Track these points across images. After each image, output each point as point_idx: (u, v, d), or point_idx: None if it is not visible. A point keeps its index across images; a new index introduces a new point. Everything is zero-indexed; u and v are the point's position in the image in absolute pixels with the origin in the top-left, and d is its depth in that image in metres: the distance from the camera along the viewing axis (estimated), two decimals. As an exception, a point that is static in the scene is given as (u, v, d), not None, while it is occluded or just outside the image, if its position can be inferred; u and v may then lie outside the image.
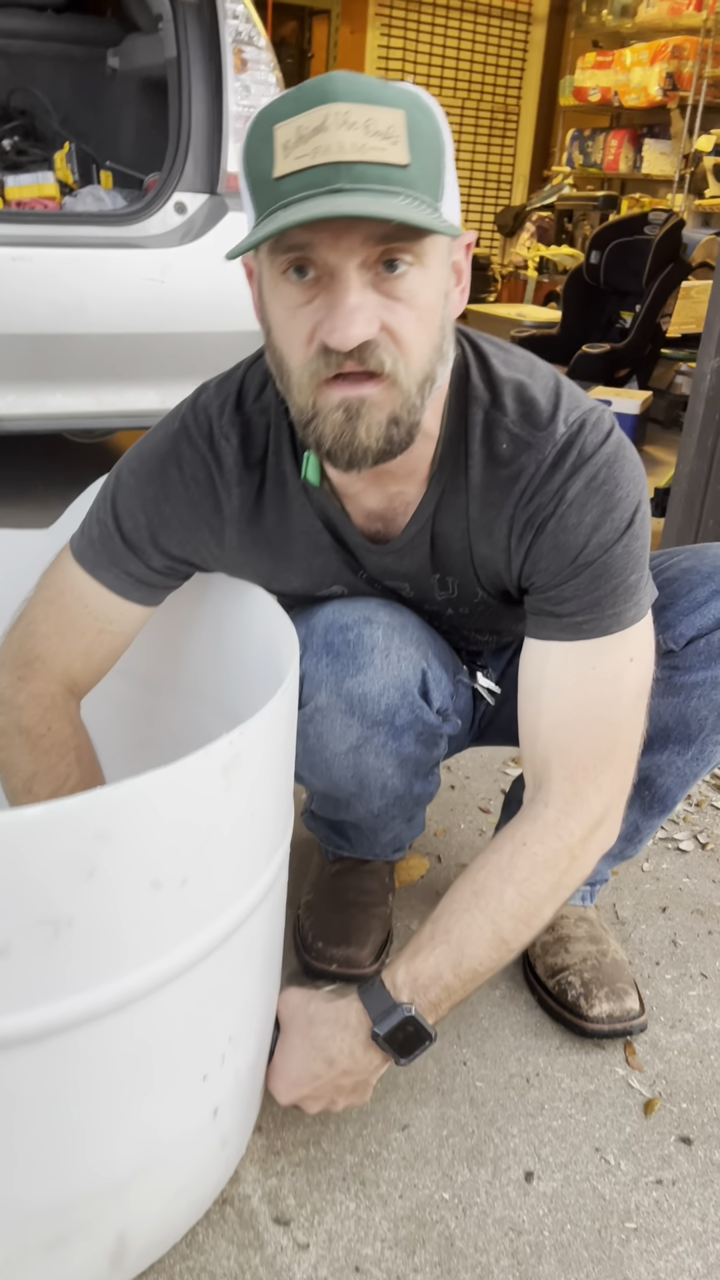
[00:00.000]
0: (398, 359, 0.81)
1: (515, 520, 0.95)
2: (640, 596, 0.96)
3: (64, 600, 1.04)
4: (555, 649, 0.97)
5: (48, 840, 0.67)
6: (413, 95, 0.78)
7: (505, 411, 0.93)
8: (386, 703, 1.04)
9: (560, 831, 0.94)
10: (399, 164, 0.73)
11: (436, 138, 0.78)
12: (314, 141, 0.73)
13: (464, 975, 0.92)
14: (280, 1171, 1.01)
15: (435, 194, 0.78)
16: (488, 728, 1.33)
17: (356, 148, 0.72)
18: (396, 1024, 0.90)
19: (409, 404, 0.83)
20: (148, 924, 0.74)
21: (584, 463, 0.91)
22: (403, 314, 0.79)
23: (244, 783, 0.79)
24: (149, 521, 1.00)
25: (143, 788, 0.71)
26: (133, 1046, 0.77)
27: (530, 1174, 1.02)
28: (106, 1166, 0.80)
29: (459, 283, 0.87)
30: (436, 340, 0.84)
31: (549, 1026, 1.20)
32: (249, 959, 0.87)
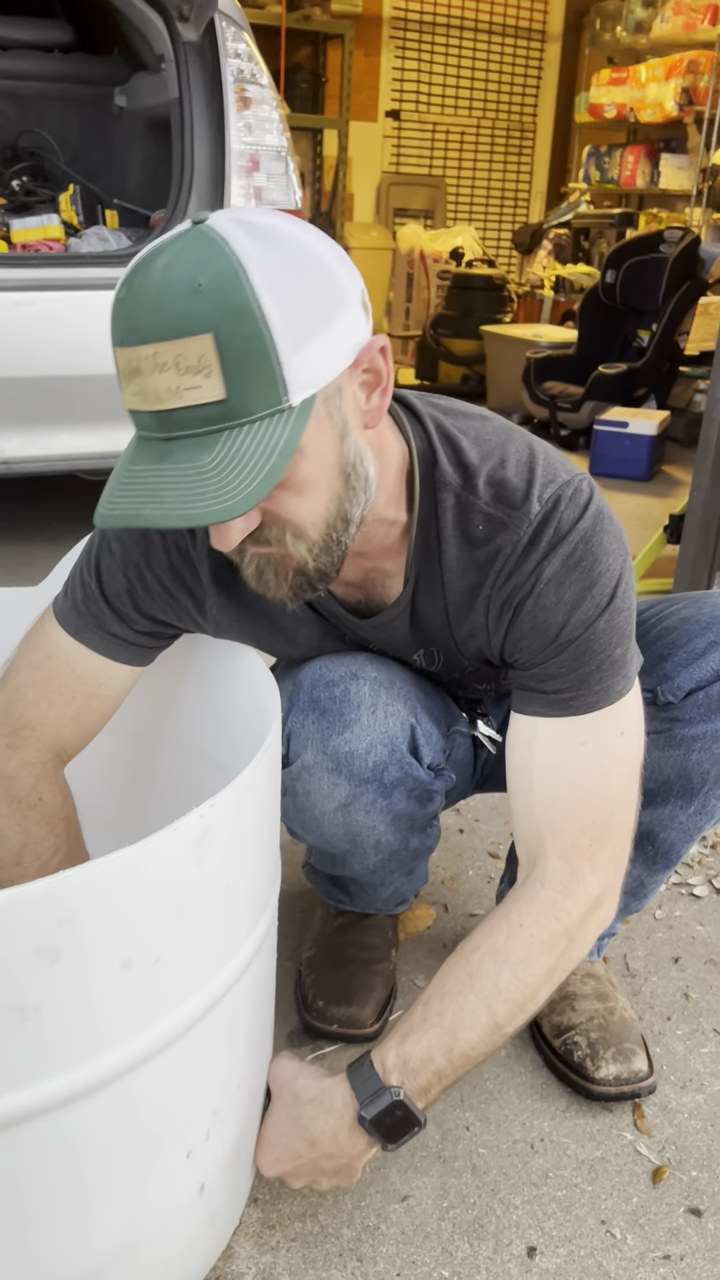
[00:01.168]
0: (284, 532, 0.83)
1: (492, 600, 0.93)
2: (627, 669, 0.93)
3: (50, 665, 1.03)
4: (543, 725, 0.94)
5: (12, 928, 0.66)
6: (221, 298, 0.71)
7: (477, 494, 0.91)
8: (374, 760, 1.02)
9: (558, 913, 0.91)
10: (215, 401, 0.72)
11: (257, 338, 0.72)
12: (135, 384, 0.74)
13: (456, 1060, 0.89)
14: (275, 1247, 0.98)
15: (269, 396, 0.74)
16: (490, 775, 1.30)
17: (171, 392, 0.72)
18: (384, 1108, 0.87)
19: (314, 555, 0.85)
20: (120, 1005, 0.72)
21: (560, 540, 0.89)
22: (279, 498, 0.81)
23: (218, 855, 0.77)
24: (130, 587, 0.99)
25: (108, 870, 0.69)
26: (110, 1128, 0.75)
27: (533, 1249, 0.99)
28: (88, 1251, 0.78)
29: (378, 385, 0.84)
30: (332, 491, 0.83)
31: (555, 1088, 1.17)
32: (231, 1033, 0.85)
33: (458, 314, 5.33)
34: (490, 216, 8.54)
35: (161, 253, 0.74)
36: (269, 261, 0.73)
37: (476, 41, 8.04)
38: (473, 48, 8.05)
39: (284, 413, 0.75)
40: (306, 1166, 0.92)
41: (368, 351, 0.81)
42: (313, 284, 0.75)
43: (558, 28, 8.21)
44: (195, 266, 0.72)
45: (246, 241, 0.73)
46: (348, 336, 0.78)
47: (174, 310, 0.72)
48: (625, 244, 4.42)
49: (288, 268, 0.74)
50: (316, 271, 0.76)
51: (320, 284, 0.76)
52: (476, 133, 8.32)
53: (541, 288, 5.90)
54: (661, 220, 6.26)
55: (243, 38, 2.18)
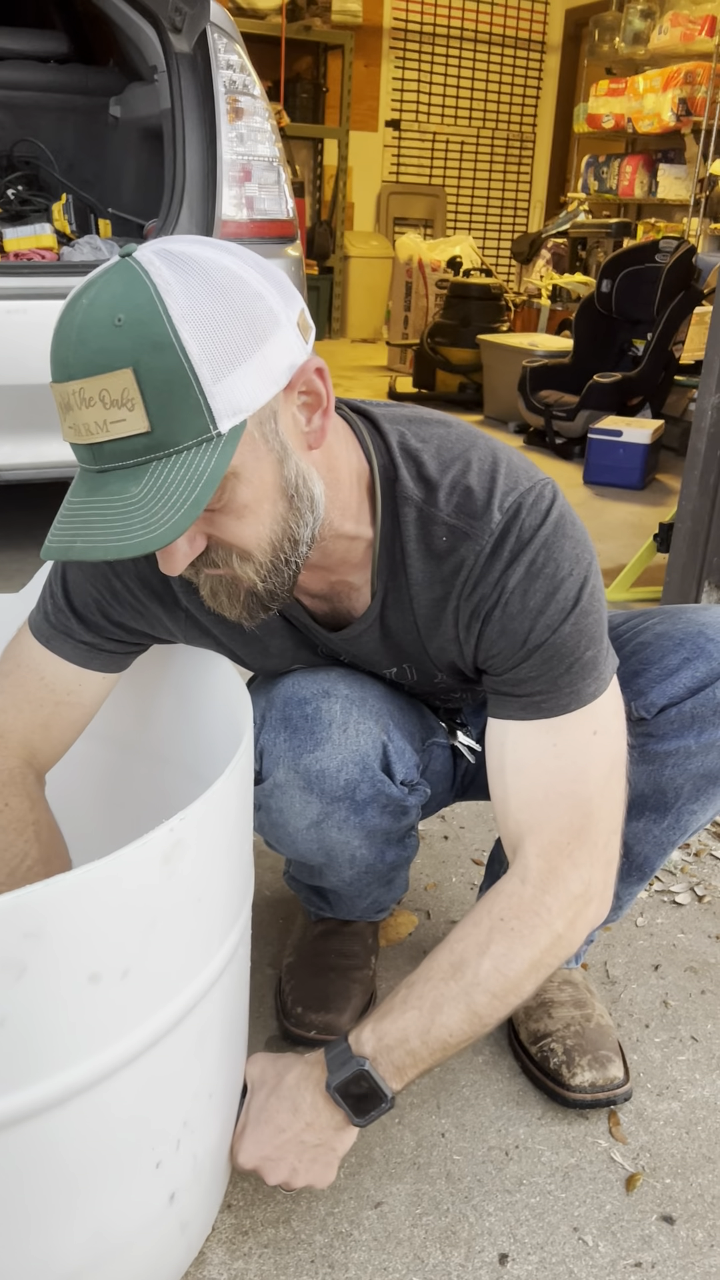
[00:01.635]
0: (230, 554, 0.85)
1: (460, 612, 0.94)
2: (600, 671, 0.94)
3: (20, 674, 1.04)
4: (514, 727, 0.95)
5: (-25, 939, 0.66)
6: (139, 332, 0.73)
7: (438, 506, 0.92)
8: (345, 778, 1.02)
9: (539, 909, 0.93)
10: (140, 433, 0.74)
11: (177, 369, 0.73)
12: (69, 419, 0.77)
13: (432, 1044, 0.91)
14: (248, 1253, 0.99)
15: (196, 425, 0.75)
16: (471, 784, 1.31)
17: (100, 426, 0.75)
18: (349, 1076, 0.90)
19: (263, 576, 0.87)
20: (87, 1018, 0.73)
21: (523, 548, 0.90)
22: (221, 522, 0.83)
23: (188, 868, 0.77)
24: (99, 598, 1.00)
25: (75, 883, 0.70)
26: (78, 1141, 0.76)
27: (505, 1256, 0.99)
28: (57, 1263, 0.79)
29: (318, 406, 0.84)
30: (275, 513, 0.84)
31: (532, 1095, 1.18)
32: (202, 1043, 0.86)
33: (455, 323, 5.35)
34: (490, 225, 8.58)
35: (89, 288, 0.76)
36: (188, 292, 0.74)
37: (476, 52, 8.08)
38: (472, 58, 8.09)
39: (211, 441, 0.76)
40: (290, 1143, 0.93)
41: (303, 374, 0.81)
42: (236, 311, 0.76)
43: (557, 38, 8.25)
44: (115, 302, 0.73)
45: (167, 273, 0.74)
46: (279, 360, 0.79)
47: (95, 346, 0.73)
48: (621, 253, 4.44)
49: (208, 296, 0.75)
50: (240, 298, 0.76)
51: (245, 310, 0.76)
52: (476, 142, 8.36)
53: (539, 297, 5.92)
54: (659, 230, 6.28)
55: (235, 49, 2.20)
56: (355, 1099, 0.91)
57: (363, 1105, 0.91)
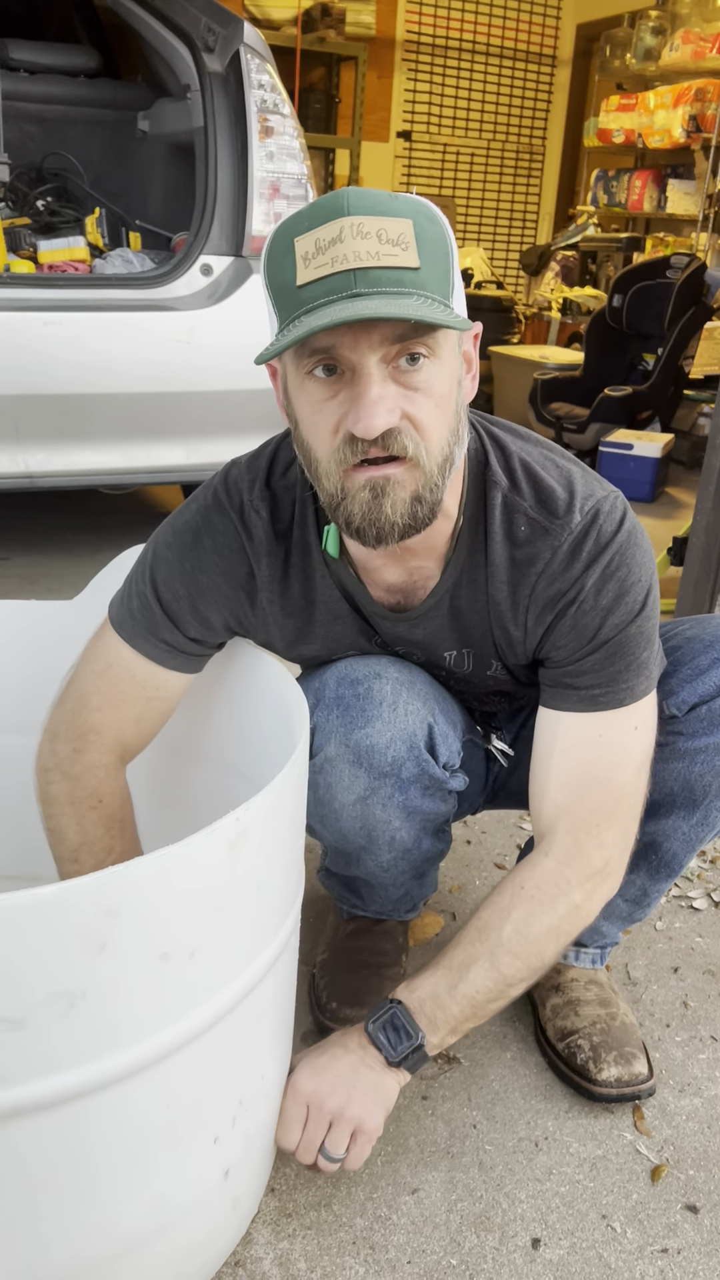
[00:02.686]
0: (419, 443, 0.87)
1: (534, 599, 1.01)
2: (650, 671, 1.02)
3: (112, 673, 1.08)
4: (567, 718, 1.02)
5: (61, 918, 0.71)
6: (419, 204, 0.84)
7: (523, 496, 0.99)
8: (393, 755, 1.07)
9: (558, 879, 1.00)
10: (411, 267, 0.80)
11: (443, 242, 0.84)
12: (331, 252, 0.80)
13: (460, 999, 0.98)
14: (292, 1234, 1.03)
15: (445, 292, 0.84)
16: (500, 790, 1.36)
17: (371, 255, 0.79)
18: (385, 1013, 1.00)
19: (430, 483, 0.89)
20: (158, 994, 0.78)
21: (600, 552, 0.97)
22: (421, 402, 0.86)
23: (250, 856, 0.82)
24: (188, 592, 1.05)
25: (150, 866, 0.74)
26: (143, 1112, 0.80)
27: (537, 1240, 1.03)
28: (120, 1229, 0.83)
29: (469, 371, 0.93)
30: (453, 424, 0.90)
31: (559, 1090, 1.22)
32: (258, 1025, 0.90)
33: (466, 334, 5.39)
34: (499, 237, 8.64)
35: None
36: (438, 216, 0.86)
37: (488, 65, 8.15)
38: (484, 71, 8.16)
39: (450, 310, 0.84)
40: (344, 1071, 0.99)
41: (470, 332, 0.90)
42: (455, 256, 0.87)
43: (568, 53, 8.32)
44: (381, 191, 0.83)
45: None
46: (463, 305, 0.89)
47: (379, 198, 0.82)
48: (632, 269, 4.49)
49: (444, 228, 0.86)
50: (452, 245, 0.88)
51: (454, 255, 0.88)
52: (486, 154, 8.42)
53: (549, 309, 5.97)
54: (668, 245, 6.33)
55: (266, 69, 2.25)
56: (389, 1037, 0.99)
57: (396, 1043, 0.99)
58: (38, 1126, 0.75)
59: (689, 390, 4.48)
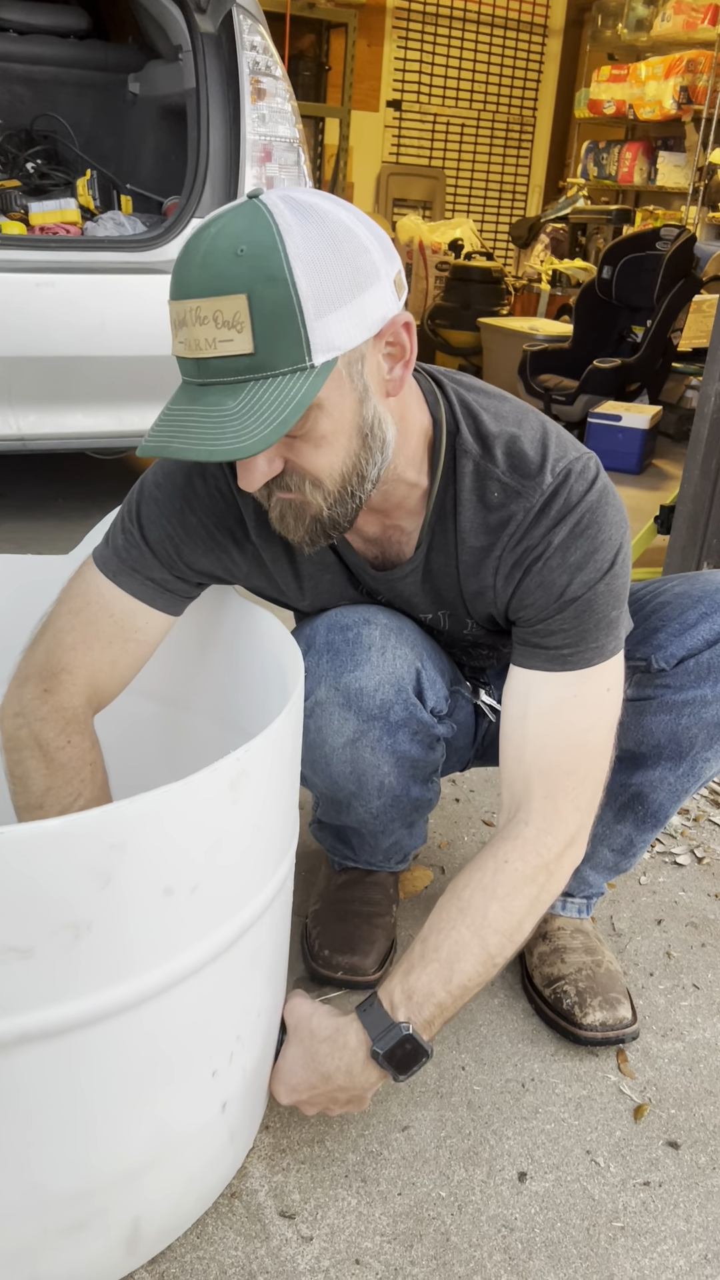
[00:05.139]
0: (303, 481, 0.92)
1: (503, 561, 1.02)
2: (619, 631, 1.03)
3: (90, 611, 1.09)
4: (539, 678, 1.03)
5: (69, 850, 0.73)
6: (261, 264, 0.81)
7: (495, 463, 1.01)
8: (381, 698, 1.10)
9: (539, 848, 1.00)
10: (244, 354, 0.82)
11: (286, 304, 0.81)
12: (182, 334, 0.85)
13: (455, 991, 0.97)
14: (286, 1168, 1.06)
15: (293, 355, 0.83)
16: (490, 746, 1.38)
17: (209, 343, 0.83)
18: (395, 1042, 0.95)
19: (330, 505, 0.94)
20: (161, 928, 0.80)
21: (570, 510, 0.98)
22: (299, 449, 0.90)
23: (251, 796, 0.84)
24: (173, 533, 1.06)
25: (156, 802, 0.76)
26: (146, 1043, 0.83)
27: (524, 1174, 1.07)
28: (123, 1155, 0.86)
29: (401, 357, 0.92)
30: (349, 448, 0.92)
31: (545, 1034, 1.25)
32: (255, 962, 0.93)
33: (455, 305, 5.39)
34: (488, 209, 8.60)
35: (216, 220, 0.84)
36: (305, 235, 0.82)
37: (479, 34, 8.08)
38: (475, 40, 8.09)
39: (305, 371, 0.84)
40: (321, 1096, 1.00)
41: (393, 325, 0.89)
42: (344, 259, 0.84)
43: (559, 23, 8.26)
44: (239, 235, 0.82)
45: (289, 215, 0.82)
46: (374, 309, 0.86)
47: (216, 271, 0.82)
48: (622, 240, 4.49)
49: (322, 242, 0.82)
50: (349, 248, 0.84)
51: (352, 259, 0.84)
52: (476, 125, 8.37)
53: (539, 281, 5.96)
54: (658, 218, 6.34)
55: (258, 30, 2.24)
56: (399, 1060, 0.96)
57: (405, 1063, 0.96)
58: (45, 1053, 0.78)
59: (677, 363, 4.49)
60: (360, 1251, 0.98)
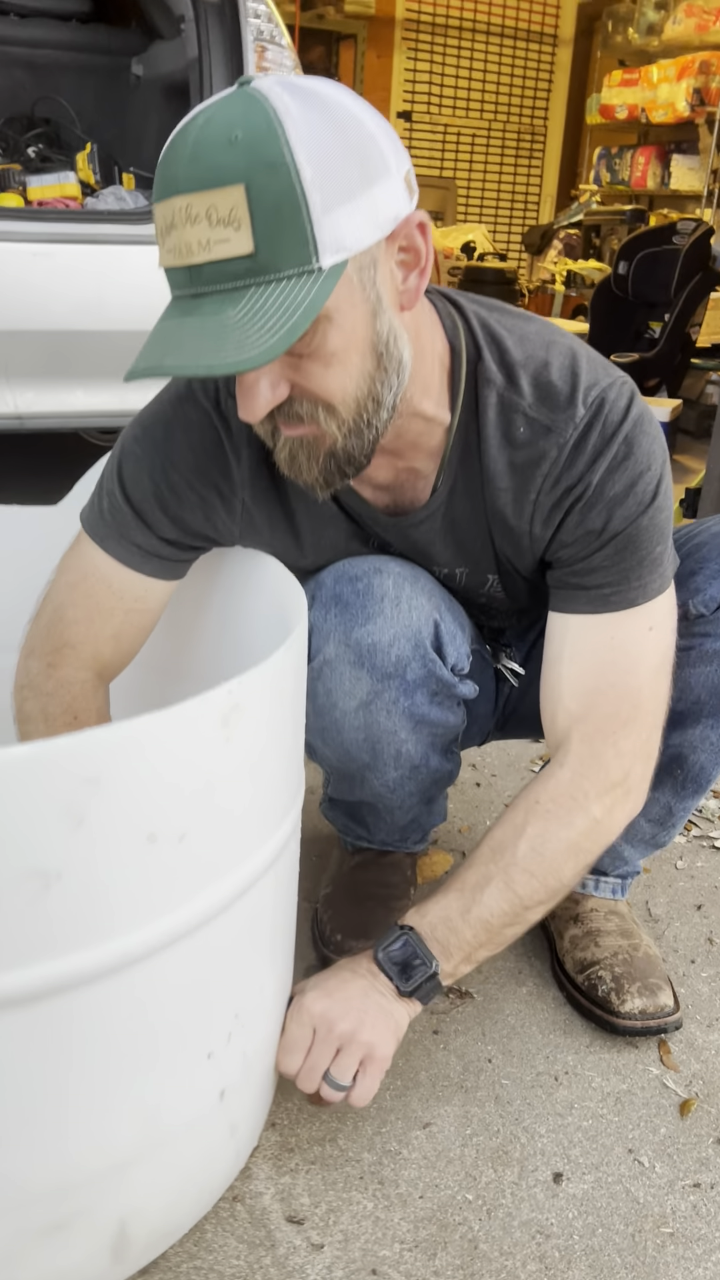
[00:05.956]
0: (315, 407, 0.82)
1: (540, 504, 0.94)
2: (664, 569, 0.95)
3: (88, 584, 1.01)
4: (577, 621, 0.96)
5: (35, 783, 0.63)
6: (255, 151, 0.71)
7: (521, 394, 0.92)
8: (397, 654, 1.00)
9: (574, 792, 0.93)
10: (243, 255, 0.72)
11: (289, 193, 0.71)
12: (171, 239, 0.74)
13: (473, 922, 0.91)
14: (294, 1169, 0.95)
15: (299, 255, 0.73)
16: (512, 716, 1.28)
17: (201, 245, 0.72)
18: (394, 940, 0.93)
19: (345, 435, 0.84)
20: (144, 880, 0.70)
21: (607, 443, 0.90)
22: (308, 369, 0.80)
23: (246, 735, 0.74)
24: (156, 490, 0.97)
25: (136, 731, 0.67)
26: (130, 1014, 0.73)
27: (559, 1175, 0.96)
28: (106, 1146, 0.75)
29: (416, 264, 0.82)
30: (362, 368, 0.82)
31: (579, 1024, 1.14)
32: (255, 929, 0.83)
33: (468, 307, 5.32)
34: (500, 218, 8.56)
35: (204, 110, 0.74)
36: (308, 119, 0.72)
37: (489, 45, 8.06)
38: (484, 51, 8.07)
39: (312, 274, 0.74)
40: (354, 996, 0.91)
41: (406, 226, 0.79)
42: (351, 146, 0.74)
43: (569, 32, 8.24)
44: (232, 122, 0.72)
45: (287, 99, 0.72)
46: (386, 207, 0.76)
47: (208, 162, 0.71)
48: (638, 235, 4.41)
49: (326, 127, 0.73)
50: (356, 135, 0.74)
51: (359, 148, 0.74)
52: (488, 135, 8.34)
53: (553, 283, 5.90)
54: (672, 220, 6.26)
55: (263, 0, 2.17)
56: (400, 965, 0.92)
57: (407, 972, 0.92)
58: (13, 1025, 0.67)
59: (696, 359, 4.40)
60: (377, 1260, 0.87)
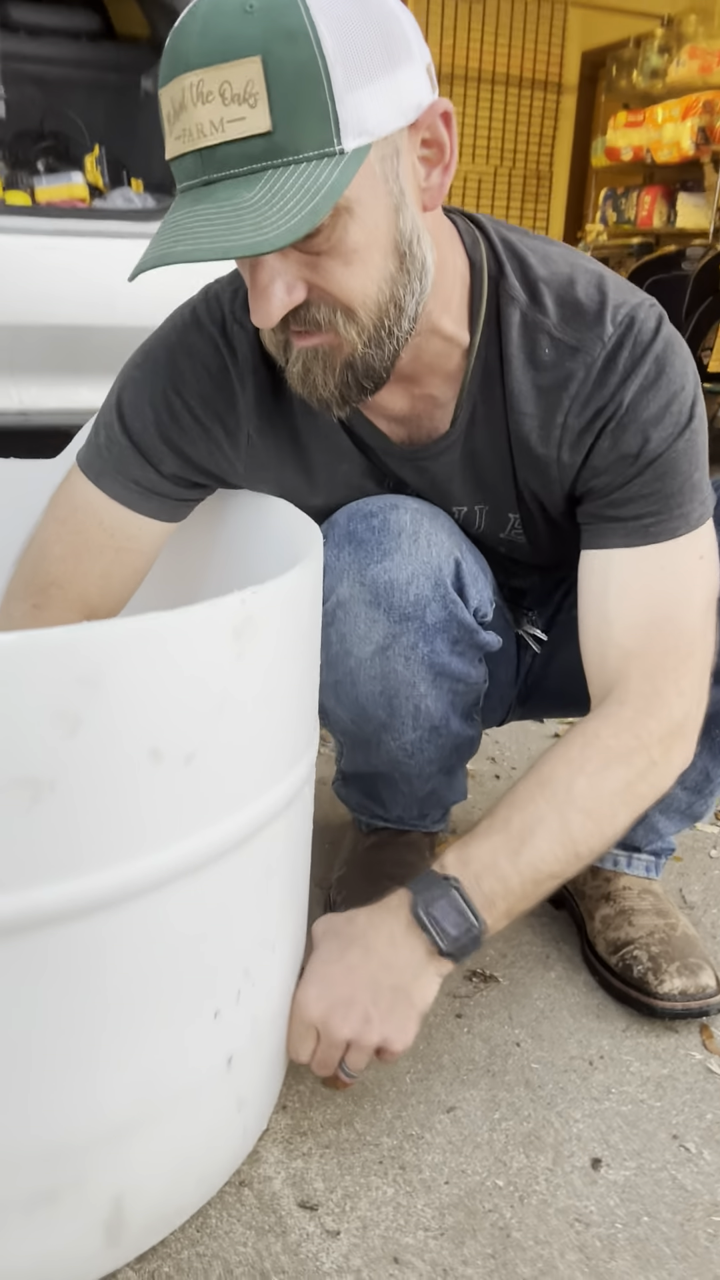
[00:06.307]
0: (334, 311, 0.77)
1: (568, 428, 0.89)
2: (705, 494, 0.89)
3: (77, 519, 0.96)
4: (618, 556, 0.89)
5: (25, 679, 0.57)
6: (273, 19, 0.66)
7: (546, 313, 0.87)
8: (416, 592, 0.93)
9: (637, 730, 0.85)
10: (260, 133, 0.67)
11: (310, 65, 0.66)
12: (180, 122, 0.69)
13: (523, 869, 0.82)
14: (307, 1153, 0.87)
15: (319, 135, 0.68)
16: (535, 689, 1.22)
17: (215, 126, 0.67)
18: (436, 892, 0.82)
19: (365, 342, 0.78)
20: (147, 803, 0.64)
21: (639, 361, 0.86)
22: (326, 267, 0.74)
23: (259, 655, 0.68)
24: (157, 419, 0.92)
25: (139, 630, 0.61)
26: (127, 956, 0.66)
27: (598, 1161, 0.88)
28: (99, 1109, 0.68)
29: (440, 160, 0.77)
30: (384, 268, 0.76)
31: (613, 1009, 1.06)
32: (267, 880, 0.76)
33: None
34: (507, 260, 8.64)
35: None
36: None
37: (494, 93, 8.19)
38: (490, 99, 8.20)
39: (333, 156, 0.69)
40: (362, 984, 0.82)
41: (429, 115, 0.74)
42: (374, 23, 0.69)
43: (573, 79, 8.36)
44: None
45: None
46: (409, 93, 0.72)
47: (221, 33, 0.66)
48: (646, 262, 4.43)
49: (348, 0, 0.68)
50: (379, 11, 0.70)
51: (383, 26, 0.70)
52: (494, 180, 8.44)
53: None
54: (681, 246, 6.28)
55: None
56: (442, 922, 0.82)
57: (451, 929, 0.82)
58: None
59: (708, 383, 4.37)
60: (399, 1249, 0.79)
